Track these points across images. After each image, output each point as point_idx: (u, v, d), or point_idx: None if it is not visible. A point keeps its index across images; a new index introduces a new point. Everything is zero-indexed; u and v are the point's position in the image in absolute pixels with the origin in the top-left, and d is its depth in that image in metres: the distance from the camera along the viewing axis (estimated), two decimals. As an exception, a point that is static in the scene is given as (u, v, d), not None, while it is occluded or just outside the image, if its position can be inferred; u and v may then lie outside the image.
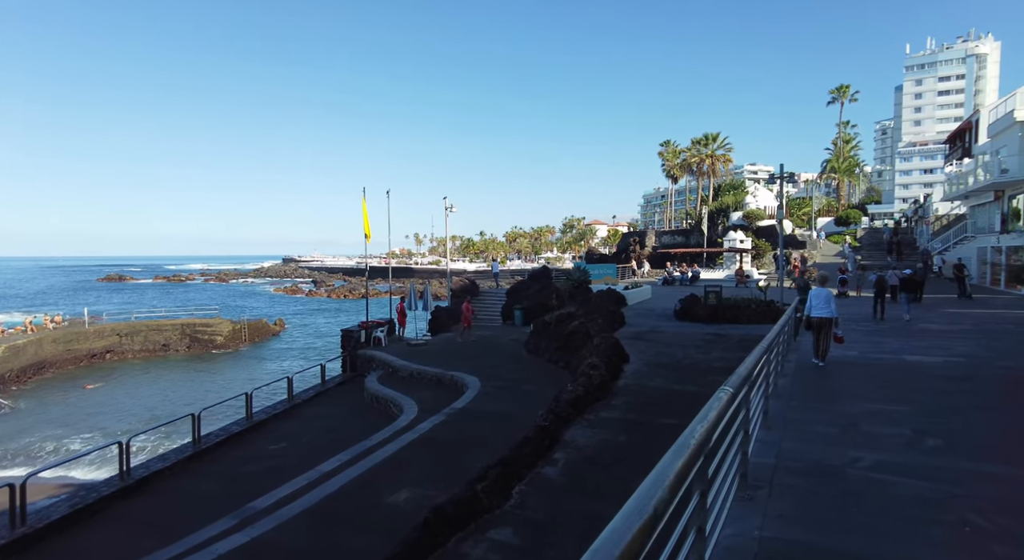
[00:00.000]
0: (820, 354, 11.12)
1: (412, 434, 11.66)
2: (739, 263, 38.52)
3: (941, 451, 5.83)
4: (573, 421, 10.93)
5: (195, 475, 11.98)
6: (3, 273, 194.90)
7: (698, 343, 16.85)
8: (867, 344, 14.05)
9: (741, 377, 4.26)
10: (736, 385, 4.16)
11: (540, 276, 29.04)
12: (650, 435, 10.08)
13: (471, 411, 13.18)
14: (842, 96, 68.48)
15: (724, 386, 3.98)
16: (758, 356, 5.35)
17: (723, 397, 3.68)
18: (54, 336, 44.14)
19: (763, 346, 6.05)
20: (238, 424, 14.93)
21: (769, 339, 6.61)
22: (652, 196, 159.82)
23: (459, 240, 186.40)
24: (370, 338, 22.23)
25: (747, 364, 4.78)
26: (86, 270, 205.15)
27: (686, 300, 21.71)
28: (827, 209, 69.71)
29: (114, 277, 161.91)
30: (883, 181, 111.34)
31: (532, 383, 15.76)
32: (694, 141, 76.81)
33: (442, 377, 17.26)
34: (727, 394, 3.81)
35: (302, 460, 12.10)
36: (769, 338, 6.53)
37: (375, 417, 15.60)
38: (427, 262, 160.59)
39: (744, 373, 4.52)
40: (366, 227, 23.20)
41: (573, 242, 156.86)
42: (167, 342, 50.46)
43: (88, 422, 24.63)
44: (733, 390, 4.03)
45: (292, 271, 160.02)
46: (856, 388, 8.91)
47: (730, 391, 3.93)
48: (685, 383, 12.95)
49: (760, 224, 53.59)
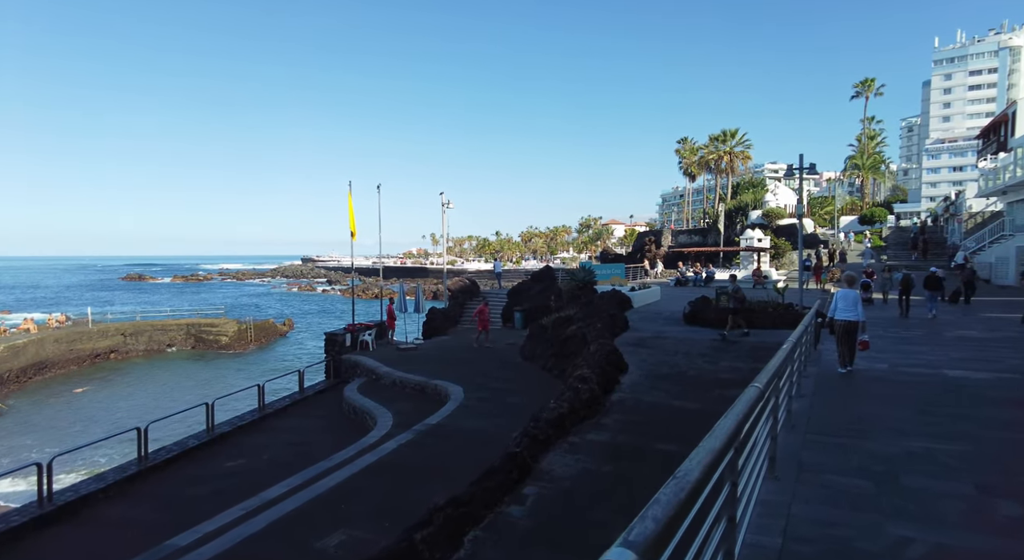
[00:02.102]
0: (847, 361, 10.08)
1: (371, 456, 10.24)
2: (756, 263, 36.53)
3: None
4: (553, 445, 9.41)
5: (130, 499, 10.69)
6: (32, 272, 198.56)
7: (706, 351, 15.20)
8: (896, 354, 12.31)
9: (728, 432, 2.75)
10: (723, 440, 2.66)
11: (543, 276, 27.49)
12: (640, 464, 8.54)
13: (444, 428, 11.72)
14: (867, 90, 65.67)
15: (707, 442, 2.50)
16: (762, 388, 3.84)
17: (700, 464, 2.20)
18: (56, 336, 43.61)
19: (773, 367, 4.50)
20: (196, 438, 13.66)
21: (780, 359, 5.02)
22: (670, 195, 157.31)
23: (475, 240, 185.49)
24: (357, 342, 20.89)
25: (745, 402, 3.27)
26: (112, 269, 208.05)
27: (696, 302, 20.02)
28: (850, 208, 67.04)
29: (134, 276, 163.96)
30: (909, 180, 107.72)
31: (521, 394, 14.27)
32: (712, 138, 74.57)
33: (425, 386, 15.85)
34: (707, 457, 2.32)
35: (254, 482, 10.75)
36: (779, 359, 4.94)
37: (349, 430, 14.24)
38: (442, 262, 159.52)
39: (739, 415, 3.02)
40: (351, 224, 21.87)
41: (589, 242, 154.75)
42: (172, 342, 49.89)
43: (69, 429, 23.68)
44: (719, 447, 2.54)
45: (309, 271, 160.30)
46: (891, 415, 7.25)
47: (714, 450, 2.44)
48: (687, 398, 11.36)
49: (780, 223, 51.37)
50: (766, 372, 4.17)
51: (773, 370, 4.26)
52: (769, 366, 4.28)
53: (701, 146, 78.75)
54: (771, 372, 4.27)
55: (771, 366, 4.32)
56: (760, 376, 4.00)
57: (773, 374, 4.39)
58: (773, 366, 4.33)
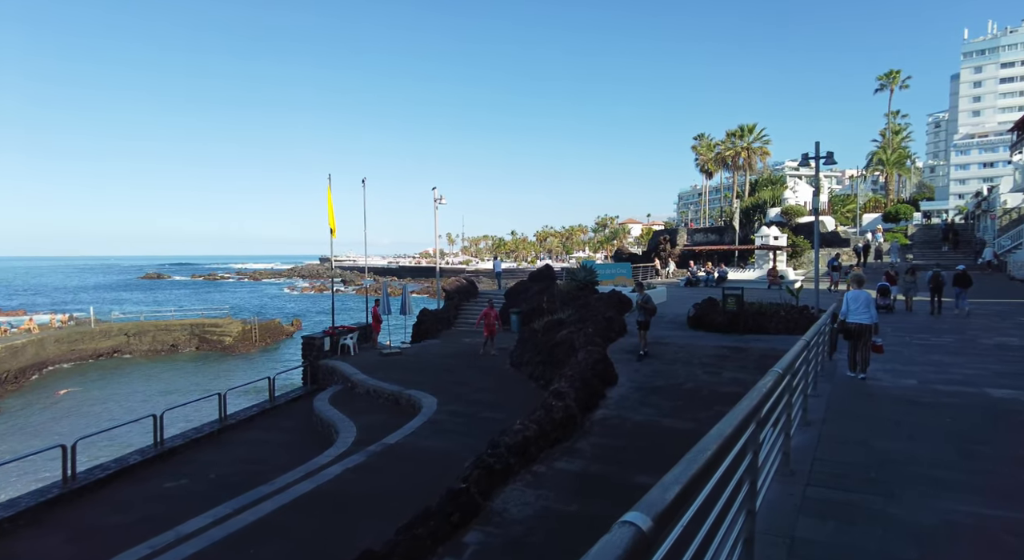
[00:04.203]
0: (859, 366, 9.43)
1: (308, 484, 8.87)
2: (772, 262, 34.58)
3: None
4: (514, 475, 7.95)
5: (43, 528, 9.45)
6: (60, 272, 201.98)
7: (709, 359, 13.61)
8: (927, 366, 10.62)
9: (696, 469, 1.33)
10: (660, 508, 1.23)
11: (541, 276, 25.94)
12: (614, 503, 7.03)
13: (402, 449, 10.32)
14: (891, 83, 62.79)
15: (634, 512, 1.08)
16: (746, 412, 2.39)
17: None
18: (57, 336, 43.20)
19: (765, 387, 3.03)
20: (140, 453, 12.42)
21: (772, 380, 3.49)
22: (688, 194, 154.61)
23: (490, 240, 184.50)
24: (337, 346, 19.59)
25: (692, 467, 1.82)
26: (135, 269, 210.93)
27: (702, 305, 18.38)
28: (874, 205, 64.31)
29: (153, 275, 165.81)
30: (936, 177, 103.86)
31: (500, 408, 12.82)
32: (729, 133, 72.38)
33: (399, 396, 14.48)
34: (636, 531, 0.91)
35: (186, 508, 9.47)
36: (770, 381, 3.41)
37: (312, 445, 12.93)
38: (458, 261, 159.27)
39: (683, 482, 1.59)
40: (331, 220, 20.55)
41: (605, 241, 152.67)
42: (175, 342, 49.31)
43: (45, 430, 22.78)
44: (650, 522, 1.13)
45: (325, 271, 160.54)
46: (923, 454, 5.64)
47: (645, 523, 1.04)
48: (681, 416, 9.83)
49: (799, 221, 49.18)
50: (740, 410, 2.69)
51: (748, 409, 2.75)
52: (743, 407, 2.76)
53: (718, 142, 76.55)
54: (745, 411, 2.76)
55: (745, 406, 2.81)
56: (731, 415, 2.52)
57: (750, 412, 2.88)
58: (748, 406, 2.81)
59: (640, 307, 14.03)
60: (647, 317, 13.99)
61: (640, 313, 14.00)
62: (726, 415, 2.42)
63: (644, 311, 13.95)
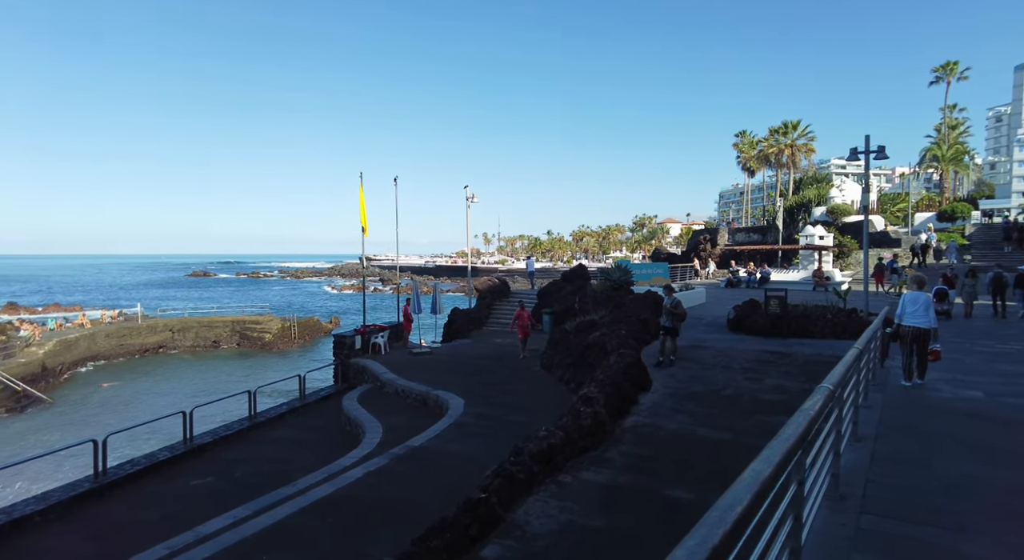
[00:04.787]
0: (914, 372, 8.85)
1: (329, 487, 8.66)
2: (817, 263, 33.14)
3: None
4: (538, 485, 7.54)
5: (71, 524, 9.51)
6: (114, 269, 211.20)
7: (750, 364, 12.91)
8: (994, 376, 9.75)
9: None
10: None
11: (574, 276, 25.40)
12: (643, 519, 6.59)
13: (426, 452, 10.03)
14: (948, 75, 59.62)
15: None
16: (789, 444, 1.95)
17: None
18: (107, 331, 44.79)
19: (813, 408, 2.57)
20: (170, 449, 12.49)
21: (820, 399, 3.00)
22: (729, 193, 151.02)
23: (526, 239, 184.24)
24: (368, 344, 19.52)
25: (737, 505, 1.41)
26: (183, 267, 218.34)
27: (743, 306, 17.58)
28: (927, 204, 61.24)
29: (199, 273, 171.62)
30: (996, 174, 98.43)
31: (528, 411, 12.42)
32: (772, 130, 70.15)
33: (427, 397, 14.24)
34: None
35: (210, 506, 9.41)
36: (819, 401, 2.91)
37: (340, 445, 12.80)
38: (493, 261, 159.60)
39: None
40: (363, 219, 20.50)
41: (643, 241, 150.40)
42: (217, 339, 50.56)
43: (95, 421, 23.49)
44: None
45: (365, 270, 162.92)
46: (998, 479, 4.96)
47: None
48: (718, 426, 9.24)
49: (846, 220, 47.24)
50: (782, 441, 2.23)
51: (792, 440, 2.28)
52: (786, 437, 2.30)
53: (760, 139, 74.30)
54: (788, 443, 2.30)
55: (789, 435, 2.35)
56: (770, 449, 2.08)
57: (795, 443, 2.41)
58: (792, 435, 2.35)
59: (668, 312, 12.93)
60: (675, 323, 12.99)
61: (667, 318, 12.95)
62: (763, 451, 1.97)
63: (672, 316, 12.93)
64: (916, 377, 8.81)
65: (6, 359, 35.23)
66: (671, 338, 12.94)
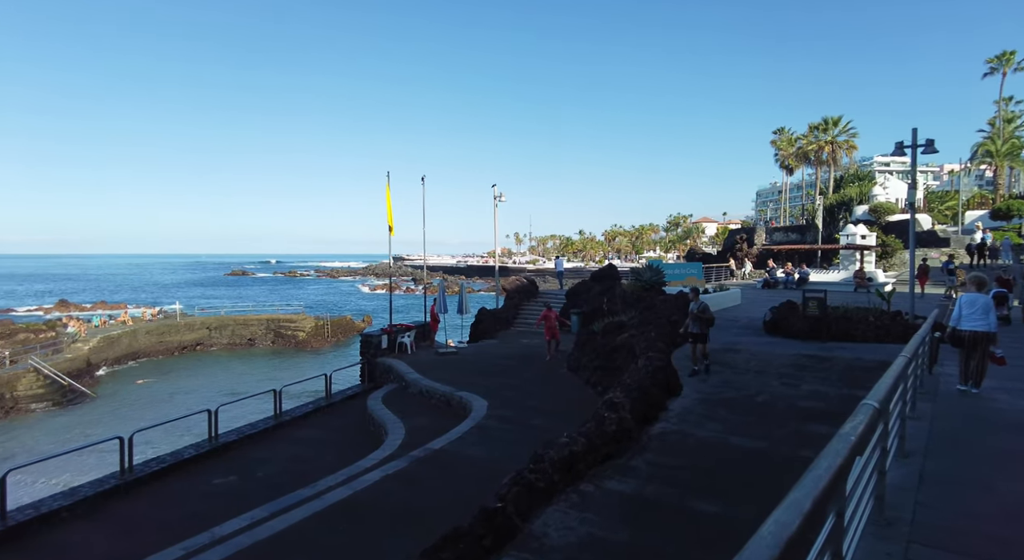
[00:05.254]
0: (972, 378, 8.26)
1: (345, 490, 8.50)
2: (859, 263, 31.82)
3: None
4: (558, 495, 7.21)
5: (95, 521, 9.59)
6: (157, 268, 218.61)
7: (786, 369, 12.30)
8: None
9: None
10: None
11: (603, 276, 24.89)
12: (667, 533, 6.20)
13: (446, 455, 9.80)
14: (1004, 65, 56.75)
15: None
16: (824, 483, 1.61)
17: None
18: (148, 328, 46.13)
19: (855, 431, 2.20)
20: (195, 447, 12.58)
21: (864, 420, 2.59)
22: (767, 191, 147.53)
23: (558, 239, 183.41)
24: (394, 344, 19.45)
25: None
26: (223, 266, 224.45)
27: (779, 308, 16.87)
28: (979, 201, 58.43)
29: (237, 272, 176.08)
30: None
31: (552, 415, 12.09)
32: (811, 127, 68.09)
33: (451, 398, 14.04)
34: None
35: (233, 505, 9.39)
36: (861, 423, 2.50)
37: (362, 445, 12.68)
38: (525, 261, 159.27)
39: None
40: (389, 218, 20.47)
41: (677, 241, 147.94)
42: (252, 337, 51.56)
43: (136, 416, 24.08)
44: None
45: (397, 269, 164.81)
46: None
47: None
48: (751, 434, 8.75)
49: (890, 219, 45.39)
50: (816, 477, 1.87)
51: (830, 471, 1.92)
52: (820, 471, 1.94)
53: (799, 136, 72.17)
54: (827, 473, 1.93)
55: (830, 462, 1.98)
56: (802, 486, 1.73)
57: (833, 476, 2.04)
58: (833, 462, 1.98)
59: (695, 317, 12.08)
60: (703, 329, 12.09)
61: (694, 324, 12.10)
62: (791, 492, 1.61)
63: (700, 322, 12.05)
64: (972, 384, 8.20)
65: (54, 355, 36.63)
66: (701, 344, 12.17)
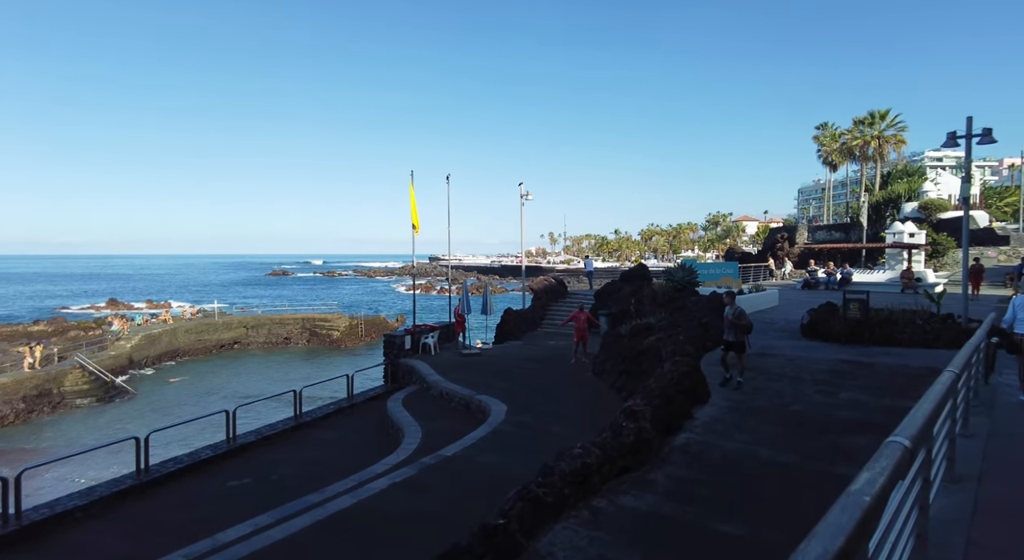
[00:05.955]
0: None
1: (350, 498, 8.22)
2: (907, 262, 30.21)
3: None
4: (568, 511, 6.75)
5: (106, 521, 9.56)
6: (200, 267, 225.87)
7: (823, 375, 11.53)
8: None
9: None
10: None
11: (633, 276, 24.16)
12: (686, 558, 5.68)
13: (458, 462, 9.44)
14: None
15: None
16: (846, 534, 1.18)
17: None
18: (187, 327, 47.30)
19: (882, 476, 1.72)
20: (212, 448, 12.55)
21: (895, 457, 2.10)
22: (809, 189, 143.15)
23: (593, 238, 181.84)
24: (418, 345, 19.23)
25: None
26: (264, 266, 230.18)
27: (818, 310, 15.99)
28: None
29: (278, 272, 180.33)
30: None
31: (572, 422, 11.61)
32: (856, 121, 65.28)
33: (470, 401, 13.70)
34: None
35: (244, 508, 9.24)
36: (879, 478, 2.02)
37: (380, 448, 12.47)
38: (559, 261, 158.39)
39: None
40: (414, 217, 20.24)
41: (716, 240, 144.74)
42: (288, 335, 52.39)
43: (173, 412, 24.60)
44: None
45: (432, 269, 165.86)
46: None
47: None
48: (783, 446, 8.13)
49: (941, 216, 43.10)
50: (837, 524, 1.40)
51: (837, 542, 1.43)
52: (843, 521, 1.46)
53: (843, 131, 69.41)
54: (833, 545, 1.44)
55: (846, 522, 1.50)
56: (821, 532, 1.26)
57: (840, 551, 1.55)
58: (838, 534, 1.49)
59: (731, 324, 10.89)
60: (739, 336, 10.94)
61: (729, 331, 10.97)
62: None
63: (735, 328, 10.88)
64: None
65: (99, 352, 37.90)
66: (736, 353, 11.03)
